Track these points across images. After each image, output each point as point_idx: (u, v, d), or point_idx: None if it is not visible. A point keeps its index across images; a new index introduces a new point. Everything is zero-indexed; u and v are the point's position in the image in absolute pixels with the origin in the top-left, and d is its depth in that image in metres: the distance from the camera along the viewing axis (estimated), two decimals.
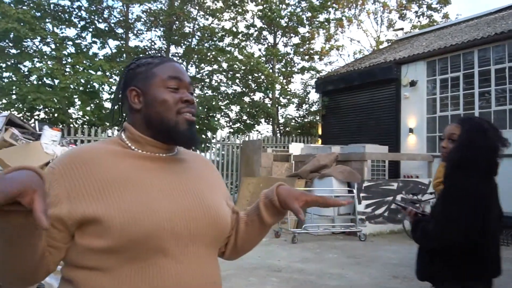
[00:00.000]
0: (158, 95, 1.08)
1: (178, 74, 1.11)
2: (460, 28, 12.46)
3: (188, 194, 1.07)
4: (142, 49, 13.92)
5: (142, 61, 1.15)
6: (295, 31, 15.78)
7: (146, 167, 1.06)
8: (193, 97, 1.12)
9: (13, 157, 5.13)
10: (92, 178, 0.99)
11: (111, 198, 0.97)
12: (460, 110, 9.89)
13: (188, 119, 1.08)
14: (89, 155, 1.03)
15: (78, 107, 11.33)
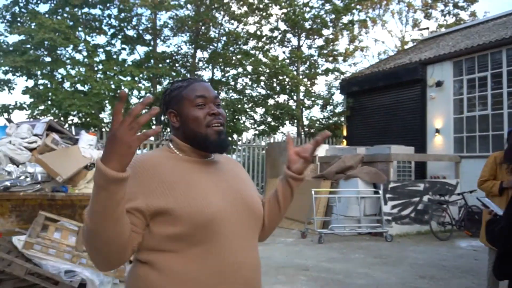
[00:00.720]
0: (189, 114, 1.32)
1: (203, 92, 1.33)
2: (488, 27, 12.28)
3: (230, 190, 1.33)
4: (169, 54, 14.30)
5: (175, 86, 1.40)
6: (319, 33, 15.85)
7: (196, 169, 1.32)
8: (218, 109, 1.34)
9: (55, 161, 5.47)
10: (160, 179, 1.24)
11: (178, 194, 1.22)
12: (488, 110, 9.77)
13: (217, 130, 1.31)
14: (154, 160, 1.29)
15: (110, 112, 11.77)
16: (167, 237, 1.19)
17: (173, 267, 1.19)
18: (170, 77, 12.81)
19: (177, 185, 1.23)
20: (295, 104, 15.55)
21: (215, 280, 1.20)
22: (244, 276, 1.25)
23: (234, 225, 1.26)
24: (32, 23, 10.92)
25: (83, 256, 4.66)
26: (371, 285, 4.87)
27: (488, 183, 3.98)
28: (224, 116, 1.36)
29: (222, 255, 1.22)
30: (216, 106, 1.34)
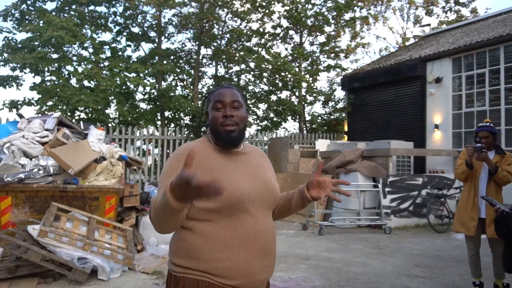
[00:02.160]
0: (211, 115, 1.66)
1: (221, 98, 1.64)
2: (487, 24, 12.44)
3: (255, 176, 1.66)
4: (173, 51, 14.52)
5: (211, 90, 1.75)
6: (321, 30, 16.02)
7: (228, 158, 1.66)
8: (233, 112, 1.62)
9: (67, 154, 5.74)
10: (203, 164, 1.58)
11: (215, 177, 1.55)
12: (486, 106, 9.97)
13: (227, 129, 1.61)
14: (196, 149, 1.56)
15: (116, 108, 12.03)
16: (205, 210, 1.52)
17: (208, 232, 1.52)
18: (174, 73, 13.05)
19: (214, 170, 1.56)
20: (297, 100, 15.76)
21: (240, 243, 1.53)
22: (263, 241, 1.58)
23: (256, 203, 1.59)
24: (40, 20, 11.17)
25: (94, 245, 4.92)
26: (367, 273, 5.12)
27: (459, 168, 4.30)
28: (240, 117, 1.64)
29: (246, 225, 1.55)
30: (233, 108, 1.63)
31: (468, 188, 4.29)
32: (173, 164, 1.57)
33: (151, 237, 6.43)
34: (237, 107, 1.64)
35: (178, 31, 14.59)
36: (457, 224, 4.31)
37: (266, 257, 1.60)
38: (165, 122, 13.21)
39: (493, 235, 4.04)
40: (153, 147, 11.22)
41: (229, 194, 1.51)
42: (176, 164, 1.55)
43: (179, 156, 1.58)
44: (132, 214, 6.51)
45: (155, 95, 13.42)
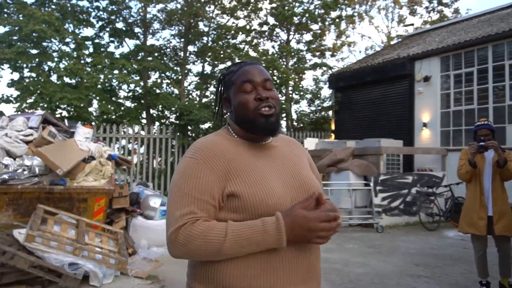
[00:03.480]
0: (237, 100, 1.34)
1: (250, 76, 1.32)
2: (472, 24, 12.56)
3: (293, 176, 1.34)
4: (158, 47, 14.19)
5: (228, 71, 1.42)
6: (307, 28, 15.93)
7: (256, 155, 1.34)
8: (268, 93, 1.32)
9: (54, 154, 5.44)
10: (228, 165, 1.27)
11: (245, 181, 1.26)
12: (474, 105, 10.04)
13: (264, 113, 1.30)
14: (219, 146, 1.30)
15: (100, 105, 11.64)
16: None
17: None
18: (161, 70, 12.72)
19: (242, 173, 1.26)
20: (284, 99, 15.64)
21: (278, 265, 1.22)
22: (306, 261, 1.27)
23: None
24: (20, 14, 10.70)
25: (85, 249, 4.66)
26: (369, 273, 5.02)
27: (462, 168, 4.24)
28: (275, 98, 1.34)
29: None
30: (266, 89, 1.33)
31: (473, 187, 4.23)
32: (193, 168, 1.25)
33: (142, 239, 6.21)
34: (270, 87, 1.35)
35: (163, 28, 14.27)
36: (465, 225, 4.23)
37: (310, 280, 1.29)
38: (150, 120, 12.88)
39: (502, 232, 3.99)
40: (139, 146, 10.92)
41: (260, 203, 1.21)
42: (196, 168, 1.24)
43: (197, 157, 1.26)
44: (122, 216, 6.26)
45: (139, 93, 13.07)
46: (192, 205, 1.22)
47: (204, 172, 1.24)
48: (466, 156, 4.27)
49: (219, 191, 1.24)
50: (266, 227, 1.16)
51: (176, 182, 1.28)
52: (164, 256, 5.77)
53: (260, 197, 1.23)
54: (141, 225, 6.34)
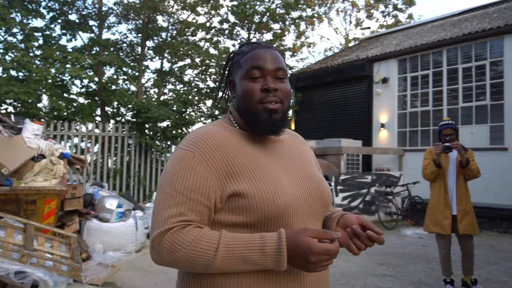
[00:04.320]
0: (242, 87, 1.15)
1: (260, 63, 1.14)
2: (426, 29, 13.02)
3: (301, 173, 1.19)
4: (114, 42, 13.61)
5: (239, 50, 1.23)
6: (268, 27, 15.90)
7: (262, 150, 1.17)
8: (277, 84, 1.14)
9: (0, 151, 4.97)
10: (229, 161, 1.10)
11: (248, 179, 1.08)
12: (430, 106, 10.37)
13: (268, 108, 1.12)
14: (218, 138, 1.12)
15: (50, 101, 10.94)
16: (232, 225, 1.08)
17: None
18: (118, 65, 12.17)
19: (246, 169, 1.10)
20: None
21: (286, 274, 1.08)
22: (315, 275, 1.13)
23: (305, 214, 1.13)
24: None
25: (33, 255, 4.28)
26: (335, 273, 4.96)
27: (427, 168, 4.28)
28: (285, 92, 1.16)
29: None
30: (277, 79, 1.15)
31: (438, 187, 4.27)
32: (187, 162, 1.07)
33: (96, 243, 5.83)
34: (282, 77, 1.16)
35: (119, 21, 13.69)
36: (430, 225, 4.26)
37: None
38: (105, 117, 12.29)
39: (465, 231, 4.05)
40: (93, 144, 10.38)
41: (269, 204, 1.05)
42: (191, 161, 1.07)
43: (193, 149, 1.08)
44: (75, 219, 5.85)
45: (93, 89, 12.44)
46: (182, 206, 1.05)
47: (200, 167, 1.07)
48: (431, 156, 4.30)
49: (216, 190, 1.07)
50: (265, 247, 1.00)
51: (167, 177, 1.10)
52: (121, 261, 5.46)
53: (269, 196, 1.06)
54: (96, 228, 5.96)
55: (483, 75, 9.44)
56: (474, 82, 9.55)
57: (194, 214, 1.05)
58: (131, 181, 10.15)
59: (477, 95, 9.50)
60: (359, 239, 1.11)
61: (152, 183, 10.39)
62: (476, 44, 9.55)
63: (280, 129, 1.18)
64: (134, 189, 10.20)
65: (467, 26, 10.65)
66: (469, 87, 9.65)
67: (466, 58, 9.75)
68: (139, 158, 10.30)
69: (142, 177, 10.24)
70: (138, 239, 6.23)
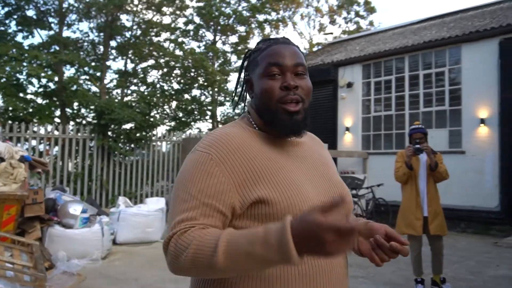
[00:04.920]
0: (260, 85, 1.10)
1: (278, 59, 1.08)
2: (388, 35, 13.44)
3: (323, 179, 1.14)
4: (74, 40, 13.10)
5: (256, 48, 1.18)
6: (233, 30, 15.89)
7: (282, 153, 1.11)
8: (298, 81, 1.09)
9: None
10: (249, 165, 1.03)
11: (274, 184, 1.02)
12: (392, 111, 10.70)
13: (289, 109, 1.07)
14: (237, 140, 1.06)
15: (5, 101, 10.34)
16: None
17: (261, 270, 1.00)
18: (81, 65, 11.71)
19: (268, 174, 1.03)
20: (209, 100, 15.40)
21: (307, 283, 1.02)
22: (336, 277, 1.08)
23: None
24: None
25: None
26: None
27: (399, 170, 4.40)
28: (306, 89, 1.10)
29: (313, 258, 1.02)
30: (297, 76, 1.09)
31: (410, 189, 4.39)
32: (205, 164, 1.01)
33: (60, 251, 5.56)
34: (302, 73, 1.11)
35: (79, 20, 13.20)
36: (402, 226, 4.36)
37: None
38: (65, 119, 11.79)
39: (436, 231, 4.18)
40: (52, 147, 9.93)
41: (294, 211, 0.99)
42: (208, 164, 1.01)
43: (211, 151, 1.02)
44: (37, 226, 5.54)
45: (52, 89, 11.89)
46: (195, 211, 0.98)
47: (217, 170, 1.00)
48: (402, 159, 4.42)
49: (234, 195, 1.00)
50: (268, 236, 0.85)
51: (181, 181, 1.04)
52: (87, 269, 5.23)
53: (295, 203, 1.01)
54: (59, 235, 5.69)
55: (442, 81, 9.85)
56: (434, 88, 9.95)
57: (207, 219, 0.98)
58: (93, 185, 9.78)
59: (436, 100, 9.90)
60: (383, 250, 1.05)
61: (116, 187, 10.06)
62: (436, 51, 9.96)
63: (302, 130, 1.13)
64: (96, 194, 9.84)
65: (427, 34, 11.09)
66: (430, 93, 10.04)
67: (427, 65, 10.15)
68: (102, 161, 9.95)
69: (105, 181, 9.89)
70: (104, 246, 6.00)
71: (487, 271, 5.48)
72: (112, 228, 6.74)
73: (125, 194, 9.86)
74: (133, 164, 10.40)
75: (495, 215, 8.61)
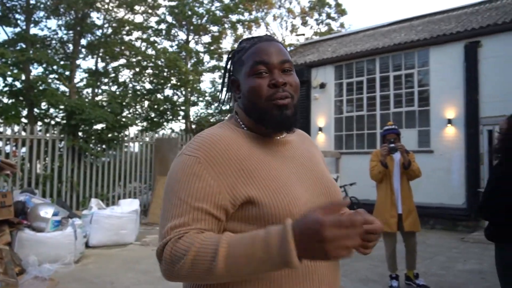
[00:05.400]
0: (248, 85, 1.09)
1: (264, 57, 1.08)
2: (359, 37, 13.72)
3: (314, 179, 1.13)
4: (42, 38, 12.69)
5: (239, 47, 1.17)
6: (206, 29, 15.81)
7: (271, 152, 1.11)
8: (285, 77, 1.08)
9: None
10: (239, 166, 1.02)
11: (263, 185, 1.02)
12: (364, 111, 10.94)
13: (278, 104, 1.06)
14: (226, 140, 1.05)
15: None
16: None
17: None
18: (48, 63, 11.33)
19: (258, 174, 1.03)
20: (182, 100, 15.26)
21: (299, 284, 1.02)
22: (329, 278, 1.07)
23: None
24: None
25: None
26: None
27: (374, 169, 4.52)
28: (295, 85, 1.11)
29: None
30: (284, 73, 1.09)
31: (384, 187, 4.51)
32: (193, 168, 1.00)
33: (30, 255, 5.39)
34: (289, 69, 1.11)
35: (47, 17, 12.79)
36: None
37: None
38: (33, 119, 11.39)
39: (410, 228, 4.32)
40: (19, 148, 9.58)
41: (283, 213, 0.99)
42: (196, 168, 0.99)
43: (199, 155, 1.01)
44: (6, 230, 5.34)
45: (18, 88, 11.47)
46: (186, 216, 0.97)
47: (206, 173, 0.99)
48: (377, 158, 4.53)
49: (225, 197, 0.99)
50: (268, 238, 0.85)
51: (171, 185, 1.02)
52: (60, 273, 5.10)
53: (284, 205, 1.00)
54: (30, 238, 5.51)
55: (411, 82, 10.16)
56: (404, 89, 10.24)
57: (200, 223, 0.97)
58: (63, 187, 9.51)
59: (406, 101, 10.19)
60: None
61: (87, 189, 9.82)
62: (406, 53, 10.25)
63: (293, 125, 1.12)
64: (67, 196, 9.57)
65: (396, 36, 11.40)
66: (400, 94, 10.32)
67: (396, 67, 10.43)
68: (72, 162, 9.68)
69: (76, 183, 9.64)
70: (77, 249, 5.86)
71: (456, 265, 5.70)
72: (85, 230, 6.59)
73: (97, 196, 9.64)
74: (104, 165, 10.19)
75: (462, 212, 8.96)
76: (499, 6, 11.00)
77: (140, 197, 10.68)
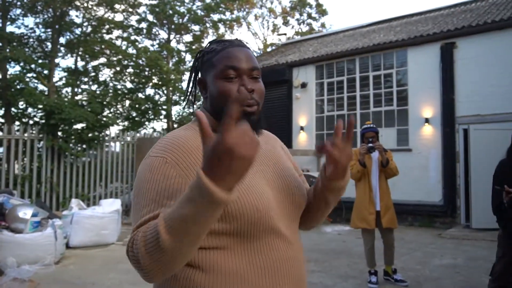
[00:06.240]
0: (216, 88, 1.11)
1: (235, 63, 1.10)
2: (339, 38, 13.91)
3: (279, 176, 1.18)
4: (18, 36, 12.44)
5: (209, 48, 1.18)
6: (188, 29, 15.76)
7: None
8: (252, 85, 1.10)
9: None
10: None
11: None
12: (345, 110, 11.10)
13: (246, 111, 1.08)
14: (191, 143, 1.06)
15: None
16: (215, 233, 1.03)
17: (221, 266, 1.02)
18: (26, 62, 11.12)
19: None
20: (164, 99, 15.18)
21: (269, 279, 1.05)
22: (297, 272, 1.12)
23: (284, 217, 1.12)
24: None
25: None
26: None
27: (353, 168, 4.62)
28: (260, 92, 1.14)
29: (275, 251, 1.07)
30: (252, 79, 1.12)
31: (363, 185, 4.62)
32: (159, 168, 1.01)
33: (8, 257, 5.33)
34: (257, 77, 1.14)
35: (24, 14, 12.54)
36: (357, 221, 4.59)
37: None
38: (10, 119, 11.17)
39: (388, 224, 4.44)
40: None
41: (250, 208, 1.02)
42: (163, 168, 1.01)
43: (165, 155, 1.03)
44: None
45: None
46: (154, 213, 0.97)
47: (174, 172, 1.01)
48: (356, 157, 4.64)
49: None
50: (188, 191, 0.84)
51: (139, 187, 1.03)
52: (40, 275, 5.05)
53: (250, 201, 1.03)
54: (8, 240, 5.44)
55: (390, 82, 10.36)
56: (383, 89, 10.44)
57: None
58: (42, 188, 9.37)
59: (385, 101, 10.40)
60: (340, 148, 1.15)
61: (67, 189, 9.70)
62: (385, 54, 10.46)
63: (257, 131, 1.16)
64: (46, 196, 9.42)
65: (376, 37, 11.60)
66: (379, 93, 10.52)
67: (376, 67, 10.63)
68: (51, 162, 9.54)
69: (55, 183, 9.50)
70: (58, 250, 5.80)
71: (433, 261, 5.88)
72: (66, 231, 6.52)
73: (78, 196, 9.52)
74: (85, 165, 10.07)
75: (439, 208, 9.20)
76: (474, 8, 11.32)
77: (122, 197, 10.59)
